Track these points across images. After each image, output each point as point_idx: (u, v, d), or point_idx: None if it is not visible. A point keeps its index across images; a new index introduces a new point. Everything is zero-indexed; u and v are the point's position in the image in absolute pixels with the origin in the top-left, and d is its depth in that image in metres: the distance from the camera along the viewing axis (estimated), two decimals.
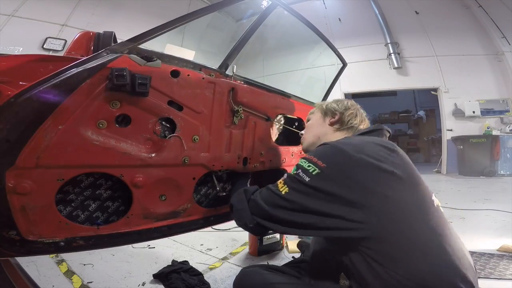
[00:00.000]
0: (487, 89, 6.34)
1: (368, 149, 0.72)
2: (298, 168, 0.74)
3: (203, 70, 1.05)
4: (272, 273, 0.91)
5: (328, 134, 1.01)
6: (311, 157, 0.73)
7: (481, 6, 6.24)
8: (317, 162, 0.70)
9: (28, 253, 0.81)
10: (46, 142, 0.75)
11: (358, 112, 1.03)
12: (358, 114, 1.02)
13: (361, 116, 1.03)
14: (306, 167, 0.71)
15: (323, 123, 1.04)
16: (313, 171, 0.69)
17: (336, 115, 1.02)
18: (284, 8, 1.26)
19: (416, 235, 0.64)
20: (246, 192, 0.91)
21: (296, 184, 0.72)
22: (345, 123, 1.00)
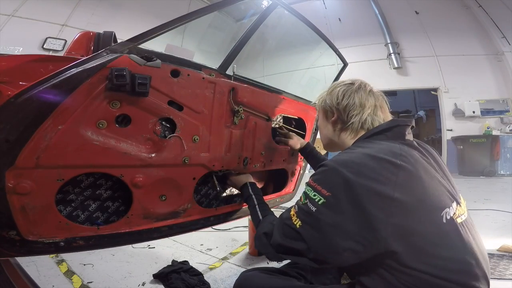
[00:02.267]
0: (487, 89, 6.34)
1: (369, 168, 0.64)
2: (306, 197, 0.70)
3: (203, 70, 1.05)
4: (273, 276, 0.90)
5: (336, 136, 0.89)
6: (315, 185, 0.68)
7: (481, 6, 6.24)
8: (321, 191, 0.66)
9: (28, 253, 0.81)
10: (46, 142, 0.75)
11: (360, 100, 0.83)
12: (360, 103, 0.83)
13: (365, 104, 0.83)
14: (312, 196, 0.67)
15: (327, 123, 0.92)
16: (319, 200, 0.65)
17: (333, 113, 0.88)
18: (284, 8, 1.26)
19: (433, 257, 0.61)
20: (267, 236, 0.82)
21: (306, 217, 0.68)
22: (345, 121, 0.84)
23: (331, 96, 0.88)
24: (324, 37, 1.53)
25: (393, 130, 0.75)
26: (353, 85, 0.86)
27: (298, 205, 0.72)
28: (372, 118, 0.82)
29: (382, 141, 0.74)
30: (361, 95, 0.84)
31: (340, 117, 0.85)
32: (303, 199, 0.71)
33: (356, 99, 0.83)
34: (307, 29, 1.41)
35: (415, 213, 0.61)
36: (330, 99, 0.88)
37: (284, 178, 1.64)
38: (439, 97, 6.79)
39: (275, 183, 1.70)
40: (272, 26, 1.34)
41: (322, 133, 0.96)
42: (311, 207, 0.67)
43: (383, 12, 7.25)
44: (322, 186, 0.66)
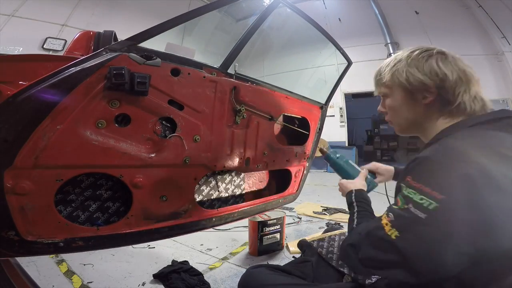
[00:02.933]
0: (487, 89, 6.23)
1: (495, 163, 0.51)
2: (407, 201, 0.56)
3: (205, 68, 1.05)
4: (278, 273, 0.91)
5: (427, 120, 0.71)
6: (420, 186, 0.54)
7: (481, 6, 6.24)
8: (431, 193, 0.52)
9: (27, 253, 0.81)
10: (44, 142, 0.74)
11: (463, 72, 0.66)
12: (464, 77, 0.65)
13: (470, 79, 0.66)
14: (418, 200, 0.54)
15: (414, 105, 0.71)
16: (429, 205, 0.52)
17: (430, 92, 0.67)
18: (286, 6, 1.25)
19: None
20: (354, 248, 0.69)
21: (407, 225, 0.55)
22: (450, 101, 0.66)
23: (423, 69, 0.67)
24: (328, 35, 1.52)
25: (503, 121, 0.62)
26: (447, 56, 0.68)
27: (393, 212, 0.59)
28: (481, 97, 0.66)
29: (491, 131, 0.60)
30: (462, 66, 0.67)
31: (443, 96, 0.66)
32: (401, 203, 0.58)
33: (461, 73, 0.65)
34: (309, 27, 1.40)
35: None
36: (422, 74, 0.67)
37: (287, 178, 1.63)
38: None
39: (278, 183, 1.70)
40: (274, 24, 1.33)
41: (402, 116, 0.75)
42: (416, 213, 0.54)
43: (383, 12, 7.25)
44: (431, 186, 0.53)
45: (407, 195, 0.57)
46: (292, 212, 3.07)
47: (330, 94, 1.74)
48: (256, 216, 1.95)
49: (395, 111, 0.77)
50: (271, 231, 2.04)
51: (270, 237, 2.04)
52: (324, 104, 1.70)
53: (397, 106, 0.75)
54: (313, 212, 3.00)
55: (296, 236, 2.44)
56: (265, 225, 2.01)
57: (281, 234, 2.10)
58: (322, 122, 1.72)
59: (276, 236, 2.07)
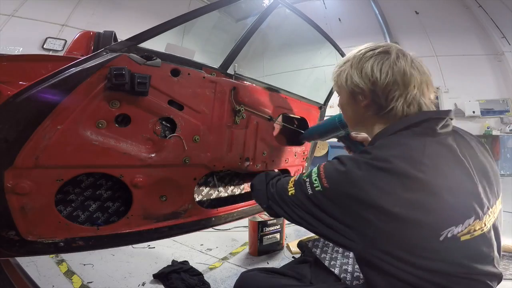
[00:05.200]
0: (487, 89, 6.34)
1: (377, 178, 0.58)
2: (309, 176, 0.69)
3: (204, 69, 1.05)
4: (272, 276, 0.90)
5: (367, 122, 0.74)
6: (322, 172, 0.66)
7: (481, 6, 6.24)
8: (322, 180, 0.65)
9: (27, 253, 0.81)
10: (45, 142, 0.74)
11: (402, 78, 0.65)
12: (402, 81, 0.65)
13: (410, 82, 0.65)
14: (313, 180, 0.67)
15: (355, 105, 0.74)
16: (317, 187, 0.65)
17: (365, 95, 0.69)
18: (286, 6, 1.25)
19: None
20: (267, 175, 0.94)
21: (300, 192, 0.71)
22: (383, 106, 0.67)
23: (361, 72, 0.68)
24: (326, 36, 1.53)
25: (423, 125, 0.63)
26: (390, 55, 0.67)
27: (299, 177, 0.74)
28: (418, 101, 0.66)
29: (406, 139, 0.62)
30: (402, 68, 0.65)
31: (376, 101, 0.68)
32: (306, 174, 0.72)
33: (398, 76, 0.65)
34: (308, 28, 1.41)
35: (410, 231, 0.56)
36: (359, 76, 0.68)
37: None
38: (439, 97, 6.79)
39: None
40: (273, 24, 1.33)
41: (348, 114, 0.80)
42: (307, 188, 0.68)
43: (383, 12, 7.25)
44: (327, 176, 0.65)
45: (311, 173, 0.70)
46: None
47: (329, 94, 1.75)
48: (256, 216, 1.96)
49: (343, 109, 0.83)
50: (271, 231, 2.04)
51: (270, 237, 2.04)
52: (323, 104, 1.70)
53: (344, 105, 0.80)
54: None
55: (296, 236, 2.44)
56: (265, 225, 2.01)
57: (281, 234, 2.10)
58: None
59: (276, 236, 2.07)
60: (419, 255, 0.56)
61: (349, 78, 0.71)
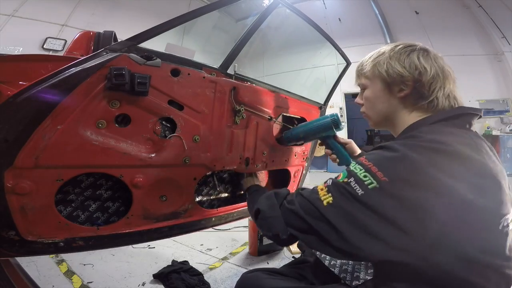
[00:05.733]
0: (487, 89, 6.34)
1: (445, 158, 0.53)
2: (351, 175, 0.57)
3: (204, 69, 1.05)
4: (273, 277, 0.90)
5: (400, 114, 0.72)
6: (369, 164, 0.56)
7: (481, 6, 6.24)
8: (376, 173, 0.54)
9: (27, 253, 0.81)
10: (44, 142, 0.74)
11: (441, 70, 0.68)
12: (442, 75, 0.68)
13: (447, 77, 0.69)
14: (361, 177, 0.55)
15: (390, 97, 0.73)
16: (370, 183, 0.54)
17: (407, 85, 0.69)
18: (286, 6, 1.25)
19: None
20: (277, 196, 0.74)
21: (342, 197, 0.56)
22: (425, 96, 0.67)
23: (404, 63, 0.69)
24: (327, 36, 1.53)
25: (462, 118, 0.65)
26: (429, 52, 0.71)
27: (332, 181, 0.61)
28: (454, 95, 0.68)
29: (452, 129, 0.62)
30: (441, 64, 0.70)
31: (419, 91, 0.68)
32: (342, 176, 0.59)
33: (439, 70, 0.68)
34: (309, 28, 1.40)
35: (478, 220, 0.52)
36: (402, 67, 0.69)
37: (286, 178, 1.63)
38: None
39: (277, 183, 1.70)
40: (273, 24, 1.33)
41: (377, 108, 0.77)
42: (355, 188, 0.55)
43: (383, 12, 7.26)
44: (379, 168, 0.54)
45: (352, 169, 0.58)
46: None
47: (329, 95, 1.75)
48: None
49: (370, 103, 0.78)
50: None
51: None
52: (323, 104, 1.70)
53: (373, 98, 0.77)
54: None
55: None
56: None
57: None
58: None
59: None
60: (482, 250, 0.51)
61: (390, 68, 0.71)
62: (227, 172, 1.36)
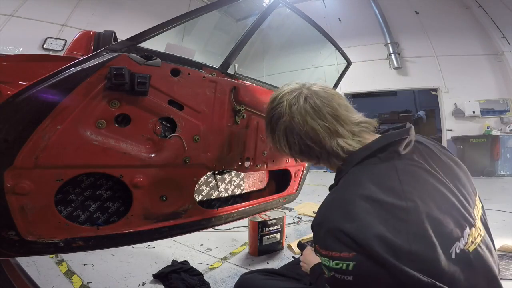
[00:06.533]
0: (487, 89, 6.35)
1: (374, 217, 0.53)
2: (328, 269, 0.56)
3: (204, 69, 1.05)
4: (271, 277, 0.90)
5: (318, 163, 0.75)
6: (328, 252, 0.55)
7: (481, 6, 6.24)
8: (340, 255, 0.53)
9: (27, 253, 0.81)
10: (44, 142, 0.74)
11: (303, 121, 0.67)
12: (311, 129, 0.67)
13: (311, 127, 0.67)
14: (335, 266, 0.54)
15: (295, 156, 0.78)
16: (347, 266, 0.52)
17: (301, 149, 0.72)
18: (286, 6, 1.25)
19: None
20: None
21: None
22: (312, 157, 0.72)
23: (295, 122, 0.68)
24: (327, 36, 1.53)
25: (388, 149, 0.63)
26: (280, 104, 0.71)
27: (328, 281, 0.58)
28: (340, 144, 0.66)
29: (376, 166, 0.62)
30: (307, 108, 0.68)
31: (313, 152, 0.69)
32: (327, 273, 0.57)
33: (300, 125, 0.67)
34: (309, 28, 1.40)
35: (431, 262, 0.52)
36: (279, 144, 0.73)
37: (287, 178, 1.63)
38: (439, 97, 6.80)
39: (278, 183, 1.70)
40: (273, 24, 1.33)
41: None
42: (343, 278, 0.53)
43: (383, 12, 7.26)
44: (337, 250, 0.53)
45: (325, 264, 0.56)
46: (292, 212, 3.07)
47: None
48: (256, 216, 1.96)
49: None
50: (271, 231, 2.04)
51: (270, 237, 2.04)
52: None
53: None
54: (313, 212, 3.00)
55: (296, 236, 2.44)
56: (265, 225, 2.01)
57: (281, 234, 2.10)
58: None
59: (276, 236, 2.07)
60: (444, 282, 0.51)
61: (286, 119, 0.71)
62: (228, 172, 1.36)
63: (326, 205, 0.60)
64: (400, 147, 0.62)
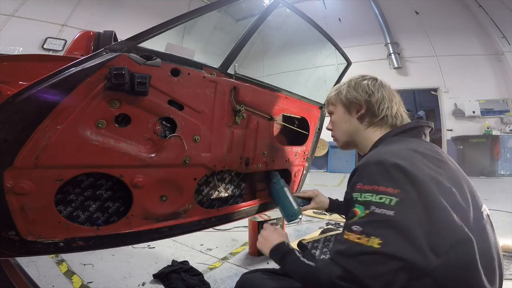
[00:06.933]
0: (487, 89, 6.35)
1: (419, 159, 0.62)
2: (368, 204, 0.56)
3: (204, 69, 1.05)
4: (273, 277, 0.90)
5: (360, 132, 0.86)
6: (373, 187, 0.57)
7: (481, 6, 6.24)
8: (386, 190, 0.55)
9: (27, 253, 0.81)
10: (44, 142, 0.74)
11: (388, 94, 0.84)
12: (388, 97, 0.83)
13: (393, 99, 0.84)
14: (378, 200, 0.55)
15: (350, 118, 0.87)
16: (390, 201, 0.54)
17: (361, 106, 0.84)
18: (286, 6, 1.25)
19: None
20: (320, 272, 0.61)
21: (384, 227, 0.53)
22: (376, 114, 0.82)
23: (357, 89, 0.85)
24: (327, 36, 1.53)
25: (418, 129, 0.78)
26: (377, 81, 0.87)
27: (357, 223, 0.56)
28: (401, 113, 0.84)
29: (410, 139, 0.76)
30: (388, 90, 0.86)
31: (371, 110, 0.83)
32: (360, 211, 0.57)
33: (385, 93, 0.84)
34: (309, 28, 1.40)
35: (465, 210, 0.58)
36: (356, 92, 0.85)
37: (287, 178, 1.63)
38: (439, 97, 6.80)
39: None
40: (273, 24, 1.33)
41: (342, 128, 0.91)
42: (385, 213, 0.53)
43: (383, 12, 7.26)
44: (384, 184, 0.56)
45: (365, 199, 0.57)
46: None
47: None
48: (256, 216, 1.95)
49: (336, 125, 0.93)
50: None
51: None
52: (323, 104, 1.70)
53: (337, 120, 0.92)
54: (313, 212, 3.00)
55: (296, 236, 2.44)
56: None
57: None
58: (321, 122, 1.72)
59: None
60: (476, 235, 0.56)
61: (348, 93, 0.87)
62: (228, 172, 1.36)
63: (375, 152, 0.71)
64: (426, 131, 0.79)
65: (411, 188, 0.55)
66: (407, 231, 0.52)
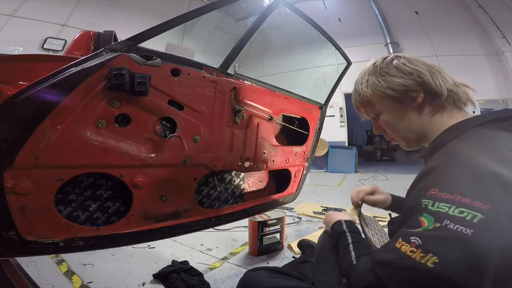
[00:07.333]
0: (487, 89, 6.34)
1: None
2: (440, 217, 0.45)
3: (204, 69, 1.05)
4: (277, 276, 0.90)
5: (426, 122, 0.67)
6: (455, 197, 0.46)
7: (481, 6, 6.24)
8: (471, 204, 0.44)
9: (27, 253, 0.81)
10: (44, 142, 0.74)
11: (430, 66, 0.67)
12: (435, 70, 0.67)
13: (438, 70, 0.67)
14: (457, 214, 0.44)
15: (406, 110, 0.68)
16: (473, 217, 0.43)
17: (416, 91, 0.66)
18: (286, 6, 1.25)
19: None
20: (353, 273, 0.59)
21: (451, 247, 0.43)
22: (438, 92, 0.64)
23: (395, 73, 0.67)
24: (327, 36, 1.53)
25: (509, 120, 0.58)
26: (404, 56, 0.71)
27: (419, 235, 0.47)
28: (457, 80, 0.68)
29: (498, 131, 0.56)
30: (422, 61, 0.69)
31: (430, 90, 0.65)
32: (428, 223, 0.47)
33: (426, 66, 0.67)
34: (309, 28, 1.40)
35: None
36: (398, 77, 0.67)
37: (287, 178, 1.63)
38: None
39: (278, 183, 1.70)
40: (273, 24, 1.33)
41: (400, 127, 0.71)
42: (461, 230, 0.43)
43: (383, 12, 7.26)
44: (470, 196, 0.45)
45: (439, 210, 0.46)
46: (292, 212, 3.07)
47: (329, 95, 1.75)
48: (256, 216, 1.95)
49: (391, 125, 0.73)
50: (271, 231, 2.04)
51: (270, 237, 2.04)
52: (323, 104, 1.70)
53: (390, 119, 0.72)
54: (313, 212, 3.00)
55: (296, 236, 2.44)
56: (265, 225, 2.01)
57: (281, 234, 2.10)
58: (321, 122, 1.73)
59: (276, 236, 2.07)
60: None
61: (388, 83, 0.68)
62: (228, 172, 1.36)
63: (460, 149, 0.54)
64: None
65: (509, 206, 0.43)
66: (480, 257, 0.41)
